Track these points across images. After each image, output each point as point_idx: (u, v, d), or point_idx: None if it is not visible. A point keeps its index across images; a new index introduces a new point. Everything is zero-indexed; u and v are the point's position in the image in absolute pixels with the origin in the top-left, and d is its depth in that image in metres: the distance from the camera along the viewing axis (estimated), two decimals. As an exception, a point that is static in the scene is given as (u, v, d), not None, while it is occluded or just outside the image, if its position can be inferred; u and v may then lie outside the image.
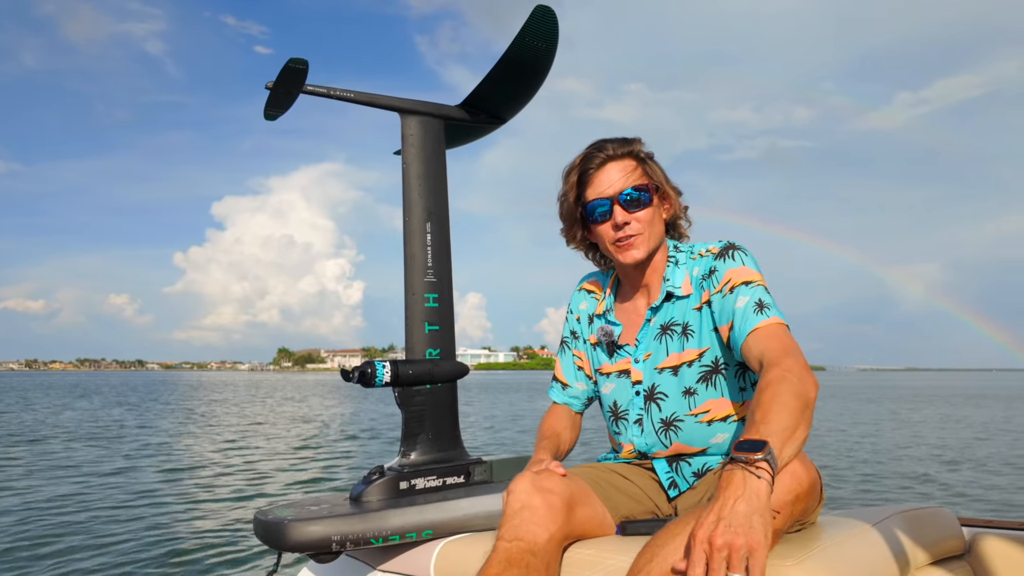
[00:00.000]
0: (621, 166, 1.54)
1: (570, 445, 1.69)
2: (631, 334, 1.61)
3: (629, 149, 1.56)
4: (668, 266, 1.58)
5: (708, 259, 1.53)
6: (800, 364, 1.28)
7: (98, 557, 5.11)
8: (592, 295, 1.73)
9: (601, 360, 1.66)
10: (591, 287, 1.74)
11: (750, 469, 1.06)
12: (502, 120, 2.12)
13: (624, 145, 1.56)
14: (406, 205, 1.92)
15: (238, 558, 5.10)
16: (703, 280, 1.52)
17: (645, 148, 1.59)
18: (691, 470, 1.54)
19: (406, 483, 1.78)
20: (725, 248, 1.52)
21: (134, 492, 7.84)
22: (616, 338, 1.62)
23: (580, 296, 1.75)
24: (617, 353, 1.62)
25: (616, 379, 1.62)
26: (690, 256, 1.57)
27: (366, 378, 1.75)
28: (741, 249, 1.51)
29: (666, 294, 1.56)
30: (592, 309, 1.71)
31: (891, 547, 1.32)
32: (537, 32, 1.84)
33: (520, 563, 1.28)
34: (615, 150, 1.55)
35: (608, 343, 1.63)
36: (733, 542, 0.99)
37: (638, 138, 1.59)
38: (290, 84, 1.81)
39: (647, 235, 1.54)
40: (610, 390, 1.63)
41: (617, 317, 1.64)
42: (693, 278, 1.55)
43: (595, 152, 1.56)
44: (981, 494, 8.19)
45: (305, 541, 1.57)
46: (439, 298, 1.92)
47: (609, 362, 1.64)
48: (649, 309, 1.58)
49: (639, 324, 1.60)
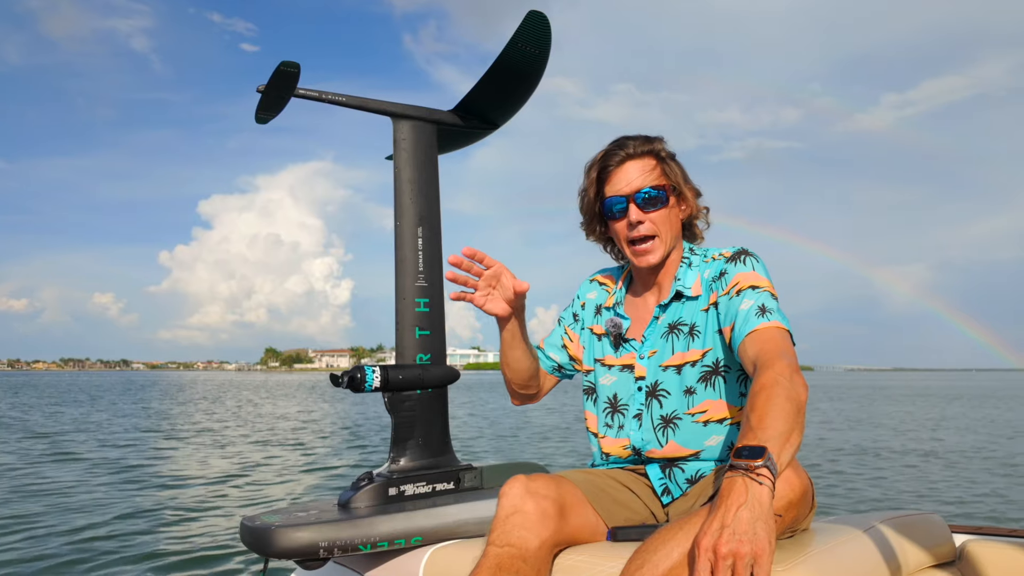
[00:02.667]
0: (640, 165, 1.57)
1: (534, 375, 1.72)
2: (638, 330, 1.62)
3: (650, 148, 1.58)
4: (681, 266, 1.60)
5: (720, 262, 1.55)
6: (791, 367, 1.28)
7: (77, 565, 5.04)
8: (604, 287, 1.76)
9: (605, 351, 1.67)
10: (603, 279, 1.77)
11: (751, 476, 1.06)
12: (495, 125, 2.11)
13: (645, 143, 1.58)
14: (398, 210, 1.91)
15: (224, 566, 5.06)
16: (713, 282, 1.54)
17: (667, 147, 1.60)
18: (684, 476, 1.54)
19: (395, 489, 1.77)
20: (738, 253, 1.54)
21: (115, 497, 7.75)
22: (624, 332, 1.63)
23: (591, 286, 1.78)
24: (623, 347, 1.64)
25: (619, 372, 1.63)
26: (703, 259, 1.60)
27: (355, 383, 1.74)
28: (753, 255, 1.53)
29: (676, 293, 1.58)
30: (601, 300, 1.73)
31: (882, 553, 1.32)
32: (530, 38, 1.84)
33: (510, 569, 1.28)
34: (636, 148, 1.57)
35: (615, 335, 1.64)
36: (738, 550, 0.99)
37: (660, 137, 1.61)
38: (282, 87, 1.80)
39: (663, 237, 1.56)
40: (611, 382, 1.64)
41: (626, 311, 1.66)
42: (704, 280, 1.56)
43: (616, 149, 1.58)
44: (972, 498, 8.27)
45: (293, 548, 1.56)
46: (430, 303, 1.91)
47: (614, 355, 1.65)
48: (658, 307, 1.60)
49: (647, 321, 1.62)
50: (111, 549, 5.46)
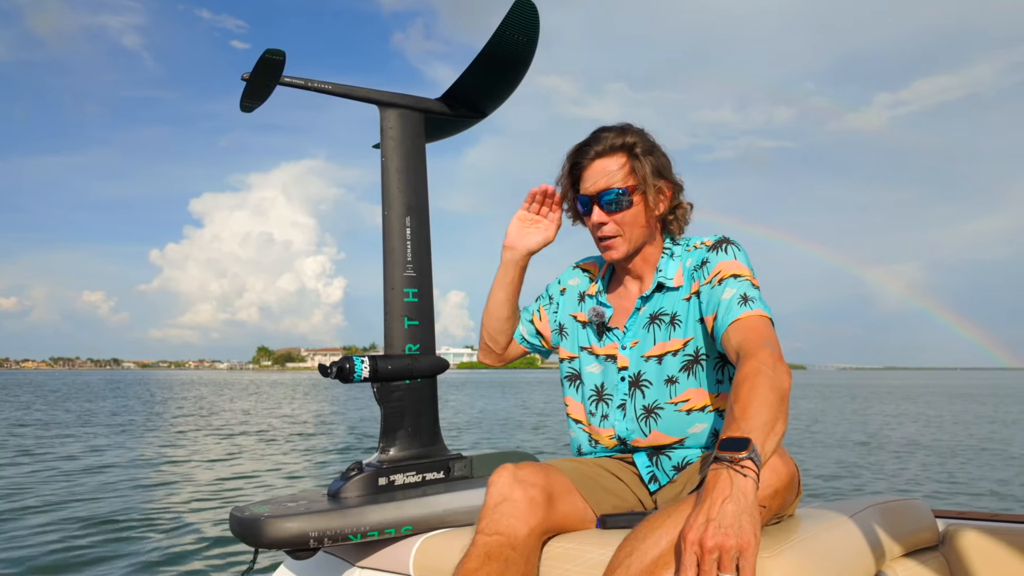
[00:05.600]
0: (608, 164, 1.54)
1: (506, 328, 1.82)
2: (620, 320, 1.63)
3: (623, 142, 1.54)
4: (663, 257, 1.60)
5: (702, 251, 1.55)
6: (775, 356, 1.29)
7: (64, 553, 5.02)
8: (587, 274, 1.77)
9: (590, 340, 1.67)
10: (587, 266, 1.78)
11: (736, 468, 1.07)
12: (483, 114, 2.11)
13: (619, 136, 1.55)
14: (385, 199, 1.90)
15: (213, 556, 5.04)
16: (694, 271, 1.54)
17: (646, 139, 1.56)
18: (671, 464, 1.55)
19: (385, 479, 1.77)
20: (719, 242, 1.54)
21: (105, 487, 7.71)
22: (607, 320, 1.64)
23: (573, 272, 1.80)
24: (606, 336, 1.64)
25: (603, 362, 1.63)
26: (685, 249, 1.59)
27: (344, 374, 1.73)
28: (734, 244, 1.53)
29: (657, 284, 1.58)
30: (584, 287, 1.74)
31: (866, 538, 1.33)
32: (517, 25, 1.83)
33: (499, 557, 1.28)
34: (608, 143, 1.54)
35: (599, 324, 1.64)
36: (724, 543, 1.00)
37: (639, 129, 1.57)
38: (267, 75, 1.79)
39: (626, 236, 1.55)
40: (597, 371, 1.65)
41: (609, 300, 1.67)
42: (685, 269, 1.56)
43: (587, 146, 1.57)
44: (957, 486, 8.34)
45: (282, 538, 1.55)
46: (419, 293, 1.91)
47: (598, 344, 1.65)
48: (640, 298, 1.60)
49: (629, 311, 1.62)
50: (99, 543, 5.44)
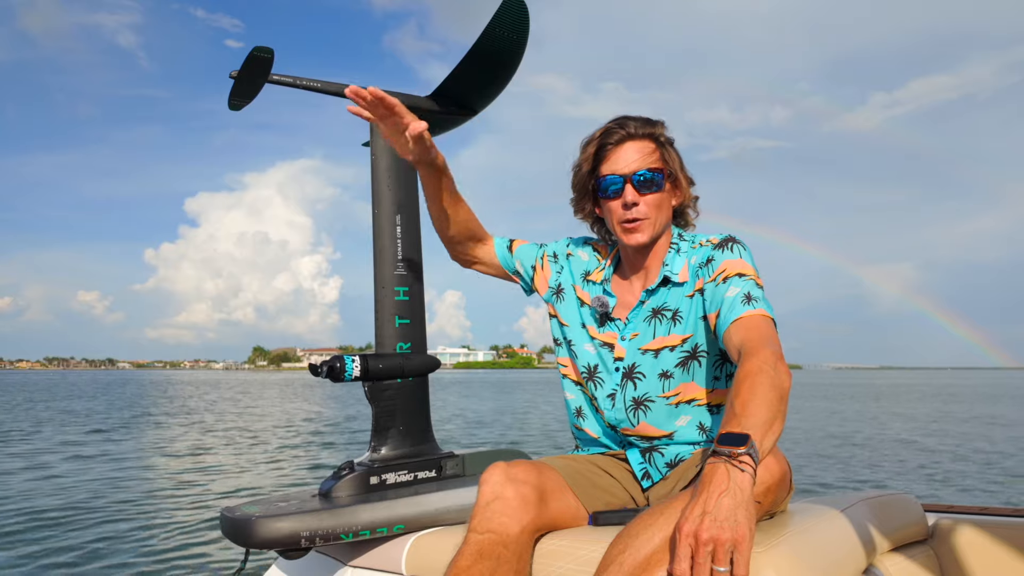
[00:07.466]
0: (640, 146, 1.55)
1: (466, 236, 1.75)
2: (623, 311, 1.62)
3: (651, 131, 1.56)
4: (670, 252, 1.60)
5: (707, 248, 1.55)
6: (776, 355, 1.29)
7: (55, 556, 4.99)
8: (596, 253, 1.73)
9: (589, 321, 1.66)
10: (598, 247, 1.74)
11: (733, 463, 1.07)
12: (473, 111, 2.10)
13: (646, 126, 1.56)
14: (375, 197, 1.90)
15: (204, 556, 5.03)
16: (699, 268, 1.54)
17: (667, 133, 1.59)
18: (664, 460, 1.55)
19: (376, 478, 1.77)
20: (725, 240, 1.54)
21: (94, 489, 7.68)
22: (611, 310, 1.63)
23: (585, 247, 1.75)
24: (607, 325, 1.63)
25: (600, 348, 1.63)
26: (691, 245, 1.59)
27: (335, 373, 1.73)
28: (740, 243, 1.53)
29: (663, 279, 1.57)
30: (591, 267, 1.71)
31: (857, 533, 1.34)
32: (507, 23, 1.83)
33: (492, 555, 1.28)
34: (636, 129, 1.55)
35: (601, 313, 1.64)
36: (719, 536, 1.00)
37: (661, 121, 1.60)
38: (255, 73, 1.77)
39: (654, 219, 1.55)
40: (591, 352, 1.64)
41: (613, 290, 1.66)
42: (691, 266, 1.56)
43: (616, 128, 1.56)
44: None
45: (274, 538, 1.55)
46: (409, 291, 1.90)
47: (597, 329, 1.64)
48: (644, 291, 1.59)
49: (632, 303, 1.61)
50: (88, 544, 5.42)
